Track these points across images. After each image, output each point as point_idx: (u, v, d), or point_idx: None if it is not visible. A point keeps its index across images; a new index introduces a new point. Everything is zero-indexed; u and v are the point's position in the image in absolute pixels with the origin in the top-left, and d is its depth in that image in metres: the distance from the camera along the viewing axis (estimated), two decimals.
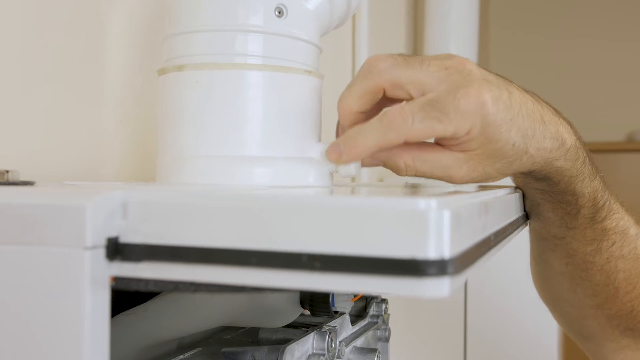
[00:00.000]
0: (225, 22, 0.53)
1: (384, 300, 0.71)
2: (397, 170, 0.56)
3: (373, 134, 0.52)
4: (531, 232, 0.78)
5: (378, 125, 0.52)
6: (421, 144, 0.56)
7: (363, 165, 0.56)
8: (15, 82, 0.58)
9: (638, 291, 0.76)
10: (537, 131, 0.58)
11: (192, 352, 0.52)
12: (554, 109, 0.62)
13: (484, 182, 0.59)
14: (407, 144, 0.54)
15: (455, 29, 1.88)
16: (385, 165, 0.57)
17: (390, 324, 0.72)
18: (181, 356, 0.51)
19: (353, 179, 1.38)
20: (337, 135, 0.58)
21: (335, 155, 0.53)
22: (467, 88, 0.52)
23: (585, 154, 0.65)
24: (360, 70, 0.56)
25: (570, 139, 0.62)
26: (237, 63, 0.53)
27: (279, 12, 0.54)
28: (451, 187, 0.62)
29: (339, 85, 1.36)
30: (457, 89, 0.52)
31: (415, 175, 0.56)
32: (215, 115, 0.53)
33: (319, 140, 0.57)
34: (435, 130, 0.52)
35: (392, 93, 0.55)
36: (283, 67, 0.54)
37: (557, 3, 3.27)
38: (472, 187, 0.65)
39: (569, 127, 0.63)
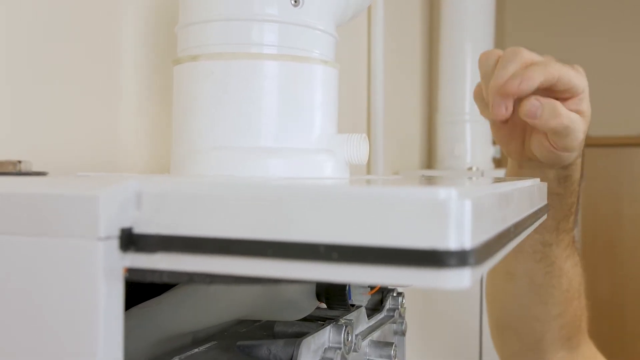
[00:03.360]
0: (240, 11, 0.53)
1: (400, 294, 0.71)
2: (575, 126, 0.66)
3: (540, 66, 0.63)
4: (518, 252, 0.81)
5: (540, 62, 0.64)
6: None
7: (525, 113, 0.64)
8: (31, 75, 0.58)
9: (581, 298, 0.84)
10: None
11: (207, 345, 0.52)
12: None
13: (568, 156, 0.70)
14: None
15: (471, 23, 1.87)
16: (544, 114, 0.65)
17: (407, 318, 0.72)
18: (196, 349, 0.50)
19: (369, 172, 1.37)
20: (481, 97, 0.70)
21: (517, 83, 0.62)
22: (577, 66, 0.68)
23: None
24: (505, 55, 0.65)
25: None
26: (252, 53, 0.52)
27: (295, 1, 0.53)
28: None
29: (354, 76, 1.36)
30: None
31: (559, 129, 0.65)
32: (230, 105, 0.52)
33: (336, 131, 0.57)
34: (569, 75, 0.64)
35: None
36: (299, 56, 0.53)
37: (574, 3, 3.25)
38: (490, 179, 0.64)
39: None
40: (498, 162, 2.01)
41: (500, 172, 1.84)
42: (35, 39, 0.58)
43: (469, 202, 0.30)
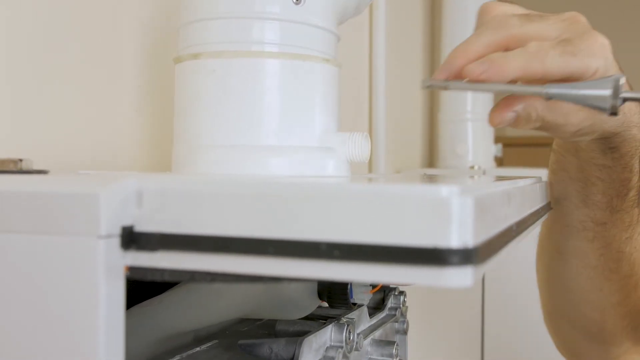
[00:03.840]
0: (241, 10, 0.53)
1: (402, 293, 0.70)
2: (527, 120, 0.58)
3: (519, 59, 0.53)
4: (567, 226, 0.75)
5: (523, 53, 0.53)
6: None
7: (497, 122, 0.57)
8: (32, 73, 0.58)
9: None
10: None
11: (209, 344, 0.52)
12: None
13: (586, 136, 0.62)
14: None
15: (473, 21, 1.86)
16: (518, 118, 0.57)
17: (408, 317, 0.71)
18: (197, 348, 0.50)
19: (370, 171, 1.37)
20: (439, 77, 0.56)
21: (479, 69, 0.53)
22: (589, 33, 0.56)
23: None
24: (489, 21, 0.58)
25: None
26: (253, 51, 0.52)
27: None
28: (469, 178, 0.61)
29: (356, 74, 1.35)
30: (583, 33, 0.55)
31: (534, 125, 0.58)
32: (231, 104, 0.52)
33: (337, 129, 0.56)
34: (571, 65, 0.54)
35: (514, 46, 0.55)
36: (300, 55, 0.53)
37: (576, 3, 3.24)
38: (492, 177, 0.64)
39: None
40: (500, 161, 2.01)
41: (502, 171, 1.84)
42: (35, 38, 0.58)
43: (471, 200, 0.30)
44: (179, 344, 0.51)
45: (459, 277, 0.29)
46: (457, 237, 0.29)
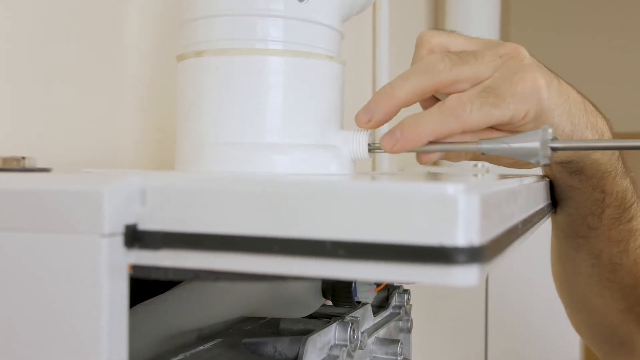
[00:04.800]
0: (245, 7, 0.52)
1: (406, 291, 0.70)
2: (457, 155, 0.57)
3: (432, 121, 0.51)
4: (556, 229, 0.75)
5: (437, 112, 0.51)
6: (478, 132, 0.55)
7: (425, 161, 0.55)
8: (34, 71, 0.58)
9: None
10: (581, 119, 0.57)
11: (212, 343, 0.51)
12: (592, 102, 0.62)
13: (529, 166, 0.60)
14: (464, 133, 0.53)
15: (475, 22, 1.86)
16: (448, 155, 0.56)
17: (413, 315, 0.71)
18: (201, 347, 0.50)
19: (374, 169, 1.37)
20: (360, 120, 0.55)
21: (391, 142, 0.52)
22: (522, 73, 0.53)
23: (619, 151, 0.64)
24: (419, 64, 0.54)
25: (607, 133, 0.61)
26: (257, 48, 0.52)
27: None
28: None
29: (359, 72, 1.35)
30: (513, 75, 0.52)
31: (466, 158, 0.58)
32: (235, 101, 0.52)
33: (341, 127, 0.56)
34: (493, 116, 0.52)
35: (446, 91, 0.54)
36: (304, 52, 0.53)
37: (579, 3, 3.24)
38: (495, 176, 0.64)
39: (606, 121, 0.62)
40: None
41: (505, 170, 1.83)
42: (37, 36, 0.58)
43: (477, 198, 0.29)
44: (183, 343, 0.51)
45: (465, 275, 0.29)
46: (463, 235, 0.29)
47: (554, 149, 0.51)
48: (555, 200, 0.71)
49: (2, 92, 0.55)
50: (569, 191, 0.67)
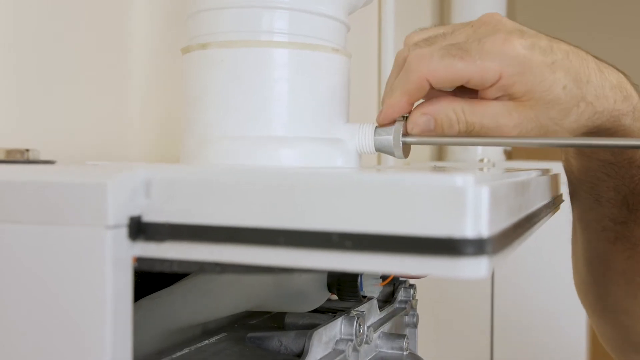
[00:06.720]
0: None
1: (412, 286, 0.70)
2: (449, 124, 0.53)
3: (400, 80, 0.52)
4: (587, 228, 0.71)
5: (403, 71, 0.52)
6: (468, 99, 0.53)
7: (410, 128, 0.53)
8: (39, 64, 0.57)
9: None
10: (592, 77, 0.54)
11: (217, 337, 0.51)
12: (616, 67, 0.58)
13: (541, 138, 0.54)
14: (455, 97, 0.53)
15: (481, 12, 1.85)
16: (437, 123, 0.53)
17: (418, 310, 0.71)
18: (206, 341, 0.50)
19: (380, 162, 1.37)
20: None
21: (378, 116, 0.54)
22: (493, 35, 0.51)
23: None
24: (403, 72, 0.53)
25: (636, 96, 0.57)
26: (263, 41, 0.52)
27: None
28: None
29: (365, 65, 1.35)
30: (483, 37, 0.51)
31: (467, 131, 0.53)
32: (240, 94, 0.51)
33: (347, 120, 0.56)
34: (456, 68, 0.50)
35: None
36: (310, 44, 0.52)
37: (576, 4, 3.23)
38: (501, 170, 0.63)
39: (633, 86, 0.58)
40: (509, 154, 2.00)
41: (511, 164, 1.83)
42: (43, 29, 0.58)
43: (486, 189, 0.29)
44: (188, 337, 0.51)
45: (474, 267, 0.29)
46: (472, 227, 0.29)
47: (406, 143, 0.52)
48: (582, 198, 0.68)
49: (8, 86, 0.55)
50: (605, 169, 0.63)
